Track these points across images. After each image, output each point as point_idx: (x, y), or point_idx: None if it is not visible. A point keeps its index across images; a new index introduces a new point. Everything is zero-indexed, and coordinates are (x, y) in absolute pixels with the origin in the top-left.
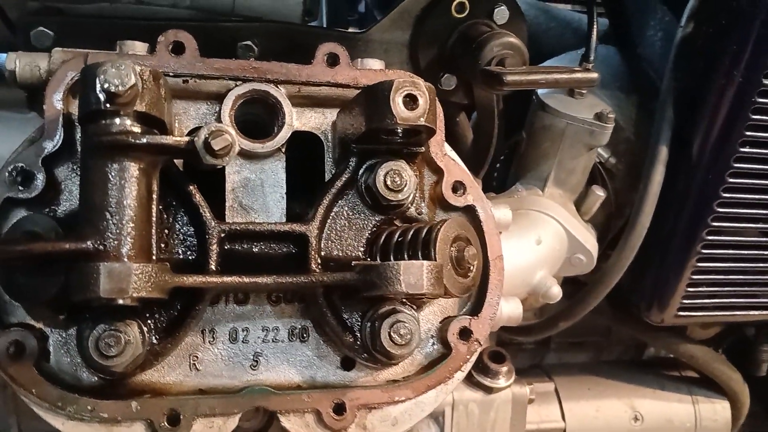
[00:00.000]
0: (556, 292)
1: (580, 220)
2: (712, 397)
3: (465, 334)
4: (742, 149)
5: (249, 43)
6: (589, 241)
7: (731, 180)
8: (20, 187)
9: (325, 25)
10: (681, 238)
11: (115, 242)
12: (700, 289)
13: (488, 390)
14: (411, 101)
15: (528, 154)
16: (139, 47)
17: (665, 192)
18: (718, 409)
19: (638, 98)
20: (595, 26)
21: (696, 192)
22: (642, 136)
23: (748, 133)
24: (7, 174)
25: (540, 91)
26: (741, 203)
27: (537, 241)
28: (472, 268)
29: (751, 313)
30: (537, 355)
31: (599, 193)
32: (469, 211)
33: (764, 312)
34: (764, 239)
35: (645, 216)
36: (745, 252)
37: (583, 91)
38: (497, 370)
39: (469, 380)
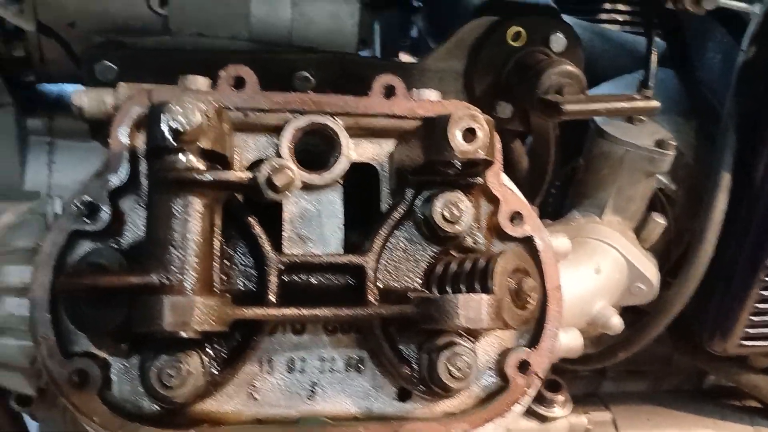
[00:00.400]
0: (617, 322)
1: (640, 248)
2: None
3: (523, 366)
4: None
5: (305, 73)
6: (650, 269)
7: None
8: (86, 220)
9: (378, 51)
10: (744, 266)
11: (179, 276)
12: (764, 317)
13: (543, 419)
14: (470, 134)
15: (586, 181)
16: (201, 82)
17: (728, 219)
18: None
19: (697, 122)
20: (653, 52)
21: (760, 218)
22: (702, 161)
23: None
24: (74, 206)
25: (598, 118)
26: None
27: (596, 270)
28: (530, 299)
29: None
30: (593, 383)
31: (659, 220)
32: (527, 242)
33: None
34: None
35: (707, 244)
36: None
37: (643, 118)
38: (553, 399)
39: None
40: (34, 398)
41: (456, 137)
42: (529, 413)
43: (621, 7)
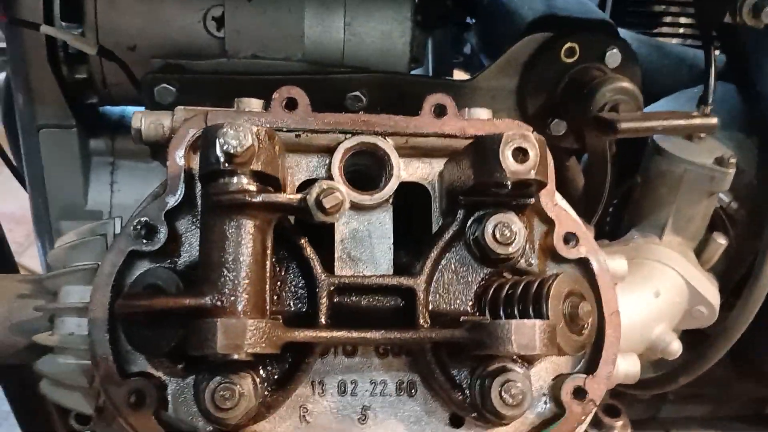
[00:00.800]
0: (677, 347)
1: (700, 270)
2: None
3: (579, 393)
4: None
5: (357, 93)
6: (711, 291)
7: None
8: (144, 240)
9: (431, 69)
10: None
11: (232, 299)
12: None
13: None
14: (521, 154)
15: (643, 200)
16: (255, 104)
17: None
18: None
19: (760, 139)
20: (713, 67)
21: None
22: (765, 179)
23: None
24: (132, 228)
25: (655, 135)
26: None
27: (655, 293)
28: (586, 325)
29: None
30: (652, 407)
31: (721, 241)
32: (583, 264)
33: None
34: None
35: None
36: None
37: (702, 135)
38: (612, 425)
39: None
40: (93, 417)
41: (507, 158)
42: None
43: (682, 20)
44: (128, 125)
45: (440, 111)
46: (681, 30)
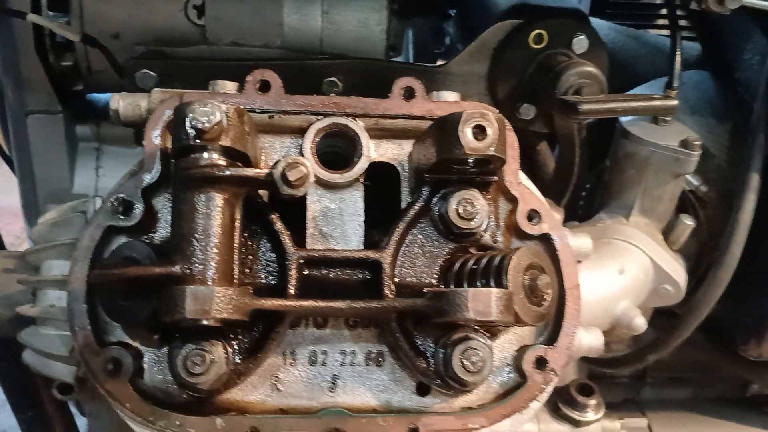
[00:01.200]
0: (640, 323)
1: (667, 250)
2: None
3: (541, 363)
4: None
5: (334, 79)
6: (677, 271)
7: None
8: (121, 216)
9: (411, 58)
10: None
11: (201, 267)
12: None
13: (576, 423)
14: (480, 132)
15: (612, 183)
16: (230, 86)
17: (760, 220)
18: None
19: (732, 124)
20: (678, 52)
21: None
22: (735, 163)
23: None
24: (110, 204)
25: (623, 119)
26: None
27: (620, 270)
28: (546, 296)
29: None
30: (632, 389)
31: (688, 222)
32: (545, 240)
33: None
34: None
35: (736, 245)
36: None
37: (667, 118)
38: (585, 403)
39: (556, 413)
40: (75, 387)
41: (467, 135)
42: (561, 417)
43: (662, 11)
44: (111, 117)
45: (409, 94)
46: (660, 21)
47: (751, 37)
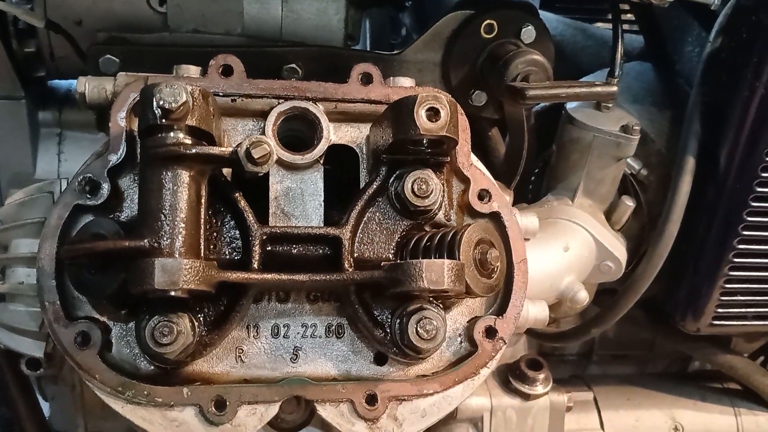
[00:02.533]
0: (583, 296)
1: (609, 229)
2: (755, 409)
3: (490, 332)
4: None
5: (293, 66)
6: (618, 249)
7: (759, 189)
8: (88, 195)
9: (369, 48)
10: (712, 248)
11: (168, 240)
12: (733, 297)
13: (526, 397)
14: (433, 114)
15: (558, 166)
16: (193, 71)
17: (696, 202)
18: (761, 422)
19: (672, 113)
20: (619, 43)
21: (725, 202)
22: (674, 149)
23: None
24: (77, 183)
25: (568, 106)
26: None
27: (565, 248)
28: (495, 269)
29: None
30: (579, 366)
31: (628, 203)
32: (495, 218)
33: None
34: None
35: (672, 224)
36: None
37: (609, 105)
38: (534, 377)
39: (507, 387)
40: (43, 362)
41: (421, 116)
42: (512, 391)
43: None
44: (75, 97)
45: (367, 79)
46: (609, 16)
47: (691, 30)
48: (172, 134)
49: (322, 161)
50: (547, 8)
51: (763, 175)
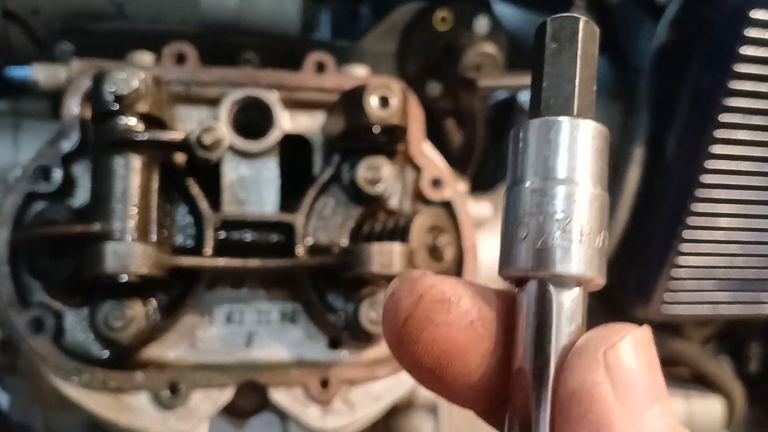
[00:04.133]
0: None
1: None
2: (705, 395)
3: None
4: (713, 149)
5: (249, 55)
6: None
7: (705, 179)
8: (41, 182)
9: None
10: (660, 236)
11: (120, 225)
12: (682, 284)
13: None
14: (384, 102)
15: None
16: (147, 58)
17: (645, 191)
18: (711, 406)
19: (624, 105)
20: None
21: (672, 191)
22: (624, 139)
23: (719, 135)
24: (30, 171)
25: (522, 98)
26: (716, 200)
27: None
28: (445, 254)
29: (734, 308)
30: None
31: None
32: (446, 205)
33: (748, 307)
34: (743, 236)
35: (621, 212)
36: (724, 248)
37: None
38: None
39: None
40: None
41: (371, 104)
42: None
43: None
44: (30, 86)
45: (321, 68)
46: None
47: (643, 25)
48: (123, 120)
49: (278, 149)
50: (505, 0)
51: (708, 164)
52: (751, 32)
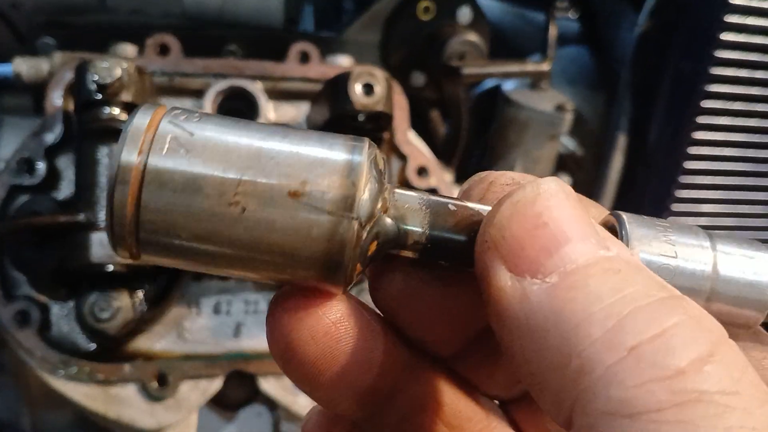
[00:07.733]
0: None
1: None
2: None
3: None
4: (696, 135)
5: (233, 47)
6: None
7: (688, 164)
8: (25, 175)
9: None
10: None
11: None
12: None
13: None
14: (368, 89)
15: (497, 146)
16: (130, 49)
17: (628, 178)
18: None
19: (606, 94)
20: (551, 27)
21: (655, 179)
22: (606, 128)
23: (701, 121)
24: (14, 164)
25: (506, 88)
26: (699, 186)
27: None
28: None
29: None
30: None
31: (564, 179)
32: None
33: None
34: (727, 222)
35: (605, 200)
36: None
37: (544, 87)
38: None
39: None
40: None
41: (356, 92)
42: None
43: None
44: (12, 82)
45: (305, 58)
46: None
47: (625, 15)
48: (107, 109)
49: None
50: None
51: (691, 151)
52: (732, 18)
